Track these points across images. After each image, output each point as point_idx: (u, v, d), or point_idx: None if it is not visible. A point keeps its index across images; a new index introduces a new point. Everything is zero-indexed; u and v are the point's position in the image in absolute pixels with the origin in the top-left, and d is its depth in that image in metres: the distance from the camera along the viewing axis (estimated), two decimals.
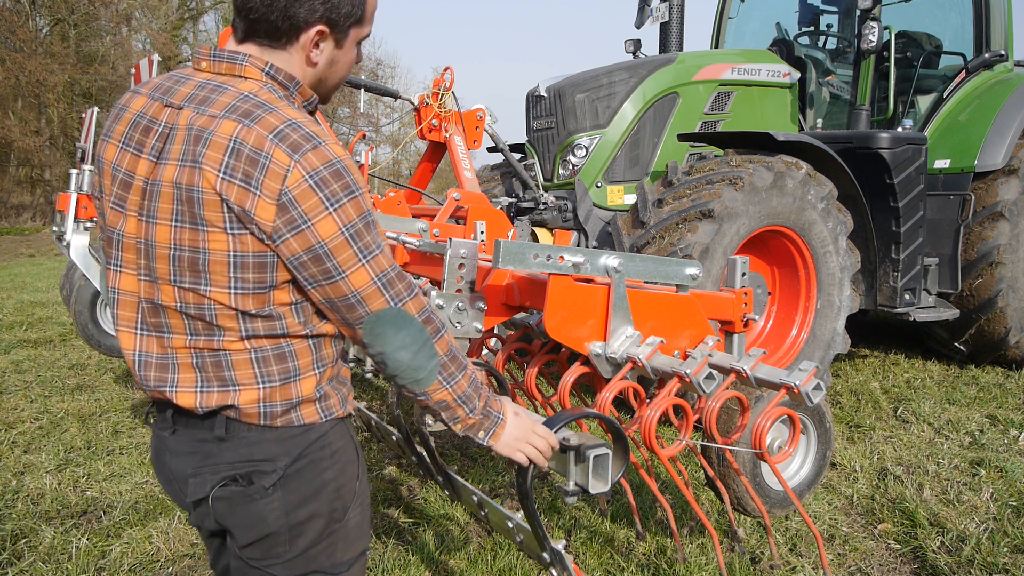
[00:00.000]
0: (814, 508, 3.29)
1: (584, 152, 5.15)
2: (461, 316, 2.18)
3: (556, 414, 1.76)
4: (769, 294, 4.72)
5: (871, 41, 5.09)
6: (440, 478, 2.38)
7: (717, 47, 6.82)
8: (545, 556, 1.88)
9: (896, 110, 5.74)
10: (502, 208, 5.02)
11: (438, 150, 5.07)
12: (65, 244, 4.70)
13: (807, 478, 2.58)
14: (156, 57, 4.52)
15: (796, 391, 2.05)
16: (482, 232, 3.88)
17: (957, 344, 5.64)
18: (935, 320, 5.30)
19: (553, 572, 1.90)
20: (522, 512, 1.85)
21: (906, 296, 5.06)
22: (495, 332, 2.91)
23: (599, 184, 5.14)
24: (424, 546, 2.98)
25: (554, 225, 5.15)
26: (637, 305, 2.09)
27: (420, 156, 5.56)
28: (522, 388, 2.54)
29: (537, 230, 5.21)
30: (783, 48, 5.83)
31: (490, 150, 5.58)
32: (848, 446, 4.08)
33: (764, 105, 5.55)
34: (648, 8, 6.06)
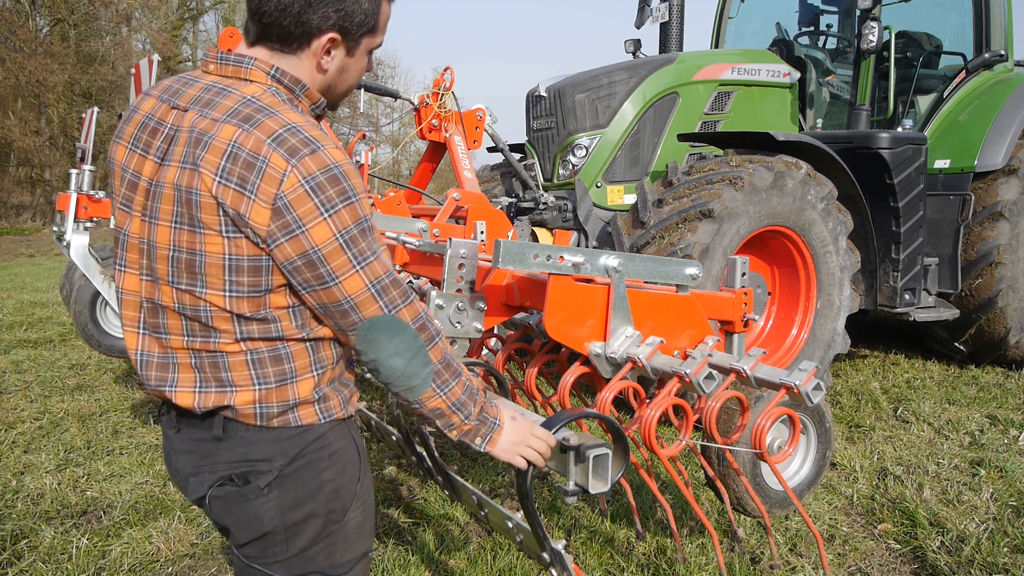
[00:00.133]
0: (814, 508, 3.29)
1: (584, 152, 5.15)
2: (461, 316, 2.17)
3: (556, 414, 1.76)
4: (769, 294, 4.72)
5: (871, 41, 5.09)
6: (440, 478, 2.38)
7: (717, 47, 6.82)
8: (545, 556, 1.88)
9: (896, 110, 5.74)
10: (502, 208, 5.02)
11: (438, 150, 5.07)
12: (65, 244, 4.70)
13: (807, 478, 2.58)
14: (156, 57, 4.52)
15: (796, 391, 2.05)
16: (482, 232, 3.88)
17: (957, 344, 5.64)
18: (935, 320, 5.30)
19: (553, 572, 1.90)
20: (522, 512, 1.85)
21: (906, 296, 5.06)
22: (495, 332, 2.91)
23: (599, 184, 5.14)
24: (424, 546, 2.98)
25: (554, 225, 5.15)
26: (637, 305, 2.09)
27: (420, 156, 5.56)
28: (522, 388, 2.54)
29: (537, 230, 5.21)
30: (783, 48, 5.83)
31: (490, 150, 5.58)
32: (848, 446, 4.08)
33: (764, 105, 5.55)
34: (648, 8, 6.06)
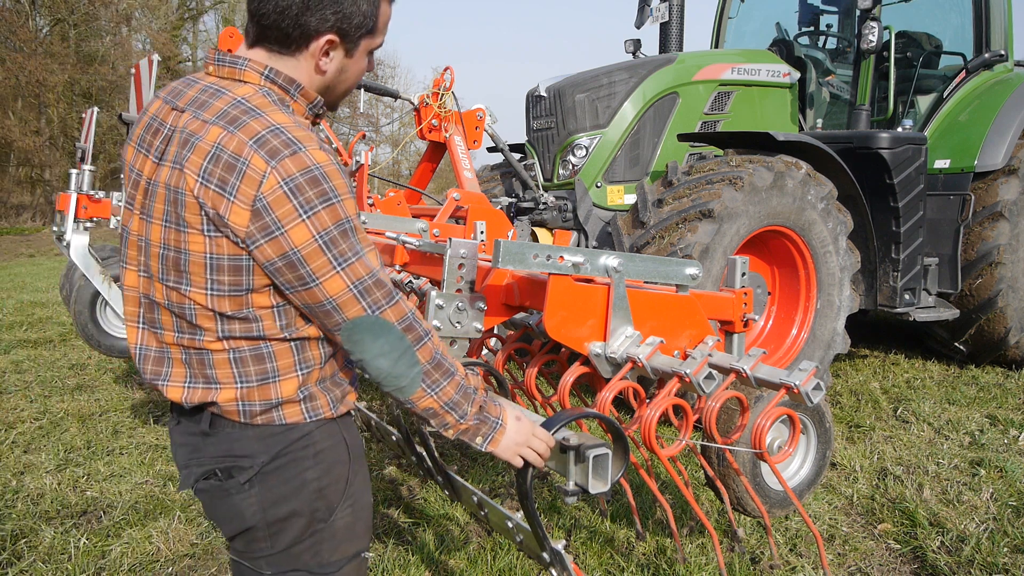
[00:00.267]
0: (814, 508, 3.29)
1: (584, 152, 5.15)
2: (461, 316, 2.17)
3: (556, 414, 1.76)
4: (769, 294, 4.72)
5: (871, 41, 5.09)
6: (440, 478, 2.38)
7: (717, 47, 6.82)
8: (545, 556, 1.88)
9: (896, 110, 5.74)
10: (502, 208, 5.02)
11: (438, 150, 5.07)
12: (65, 244, 4.70)
13: (807, 478, 2.58)
14: (156, 57, 4.52)
15: (796, 391, 2.05)
16: (482, 232, 3.88)
17: (957, 344, 5.64)
18: (935, 320, 5.30)
19: (553, 572, 1.90)
20: (522, 512, 1.85)
21: (906, 296, 5.06)
22: (495, 332, 2.90)
23: (599, 184, 5.14)
24: (424, 546, 2.98)
25: (554, 225, 5.15)
26: (637, 305, 2.09)
27: (420, 156, 5.56)
28: (522, 388, 2.54)
29: (537, 230, 5.21)
30: (783, 48, 5.83)
31: (490, 150, 5.58)
32: (848, 446, 4.08)
33: (764, 105, 5.55)
34: (648, 8, 6.06)
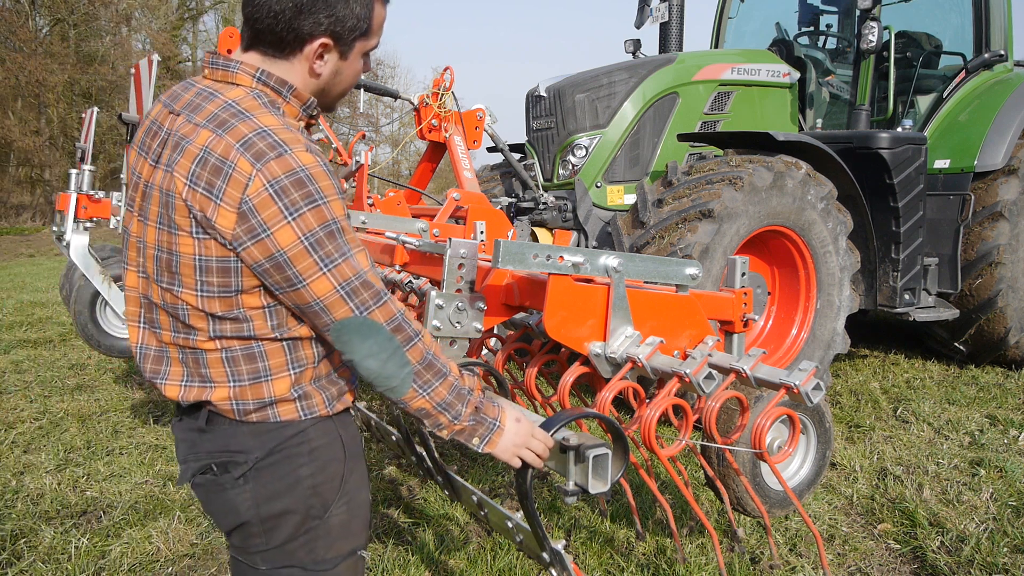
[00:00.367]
0: (814, 508, 3.29)
1: (584, 152, 5.15)
2: (461, 316, 2.17)
3: (555, 414, 1.76)
4: (769, 294, 4.72)
5: (871, 41, 5.09)
6: (440, 478, 2.38)
7: (717, 47, 6.82)
8: (545, 556, 1.88)
9: (896, 110, 5.74)
10: (502, 208, 5.02)
11: (438, 150, 5.07)
12: (65, 244, 4.70)
13: (807, 478, 2.58)
14: (156, 57, 4.52)
15: (796, 391, 2.05)
16: (482, 232, 3.88)
17: (957, 344, 5.64)
18: (935, 320, 5.30)
19: (553, 572, 1.90)
20: (522, 512, 1.85)
21: (906, 296, 5.06)
22: (495, 332, 2.90)
23: (599, 184, 5.14)
24: (424, 546, 2.98)
25: (554, 225, 5.15)
26: (637, 305, 2.09)
27: (420, 156, 5.56)
28: (522, 388, 2.54)
29: (537, 230, 5.21)
30: (783, 48, 5.83)
31: (490, 150, 5.58)
32: (848, 446, 4.08)
33: (764, 105, 5.55)
34: (648, 8, 6.06)
